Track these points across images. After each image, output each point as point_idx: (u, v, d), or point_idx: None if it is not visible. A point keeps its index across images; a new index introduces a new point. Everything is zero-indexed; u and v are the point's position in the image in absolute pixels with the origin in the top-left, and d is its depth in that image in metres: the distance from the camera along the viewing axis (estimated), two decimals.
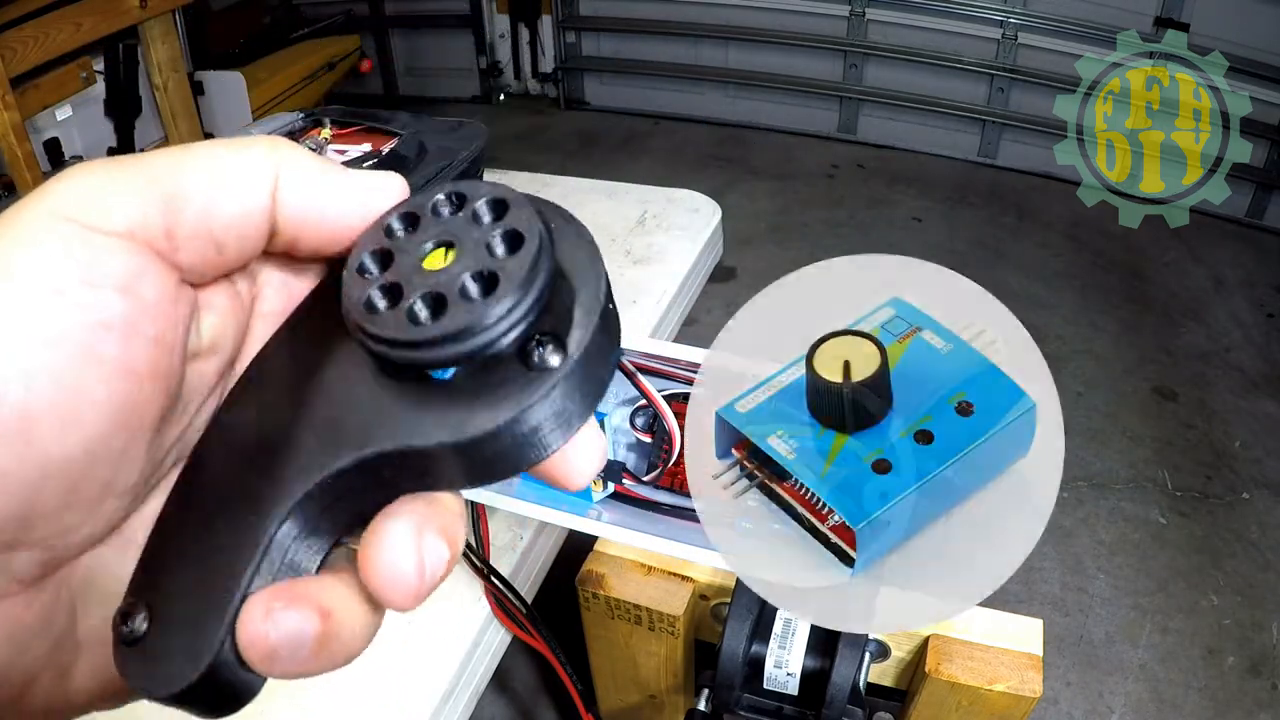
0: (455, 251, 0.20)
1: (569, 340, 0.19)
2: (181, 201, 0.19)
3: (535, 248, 0.20)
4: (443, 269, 0.20)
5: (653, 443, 0.72)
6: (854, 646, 0.61)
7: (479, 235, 0.20)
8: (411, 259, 0.20)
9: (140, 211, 0.19)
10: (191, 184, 0.20)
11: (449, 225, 0.21)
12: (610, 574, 0.73)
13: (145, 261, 0.19)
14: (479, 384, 0.19)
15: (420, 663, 0.66)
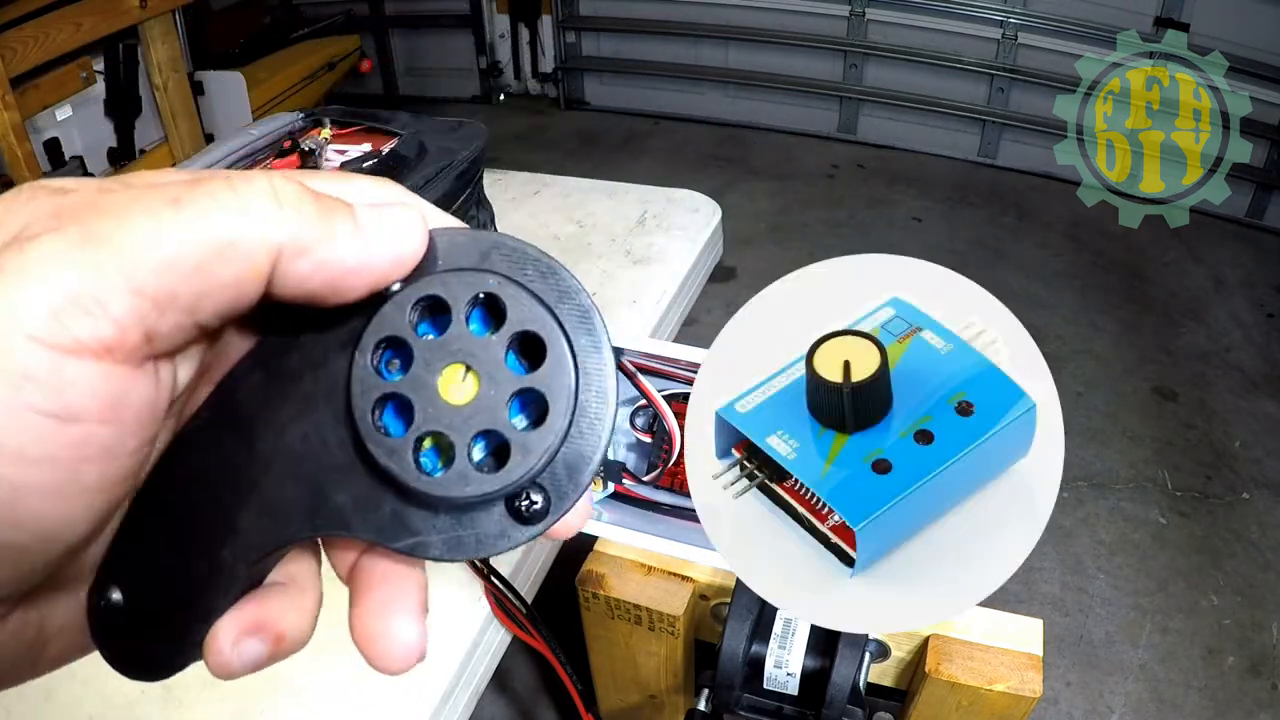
0: (476, 386, 0.20)
1: (560, 502, 0.20)
2: (167, 302, 0.18)
3: (564, 426, 0.20)
4: (464, 410, 0.20)
5: (653, 443, 0.72)
6: (854, 646, 0.61)
7: (506, 381, 0.20)
8: (428, 377, 0.20)
9: (119, 324, 0.17)
10: (179, 282, 0.18)
11: (472, 344, 0.20)
12: (610, 574, 0.73)
13: (125, 380, 0.18)
14: (462, 509, 0.20)
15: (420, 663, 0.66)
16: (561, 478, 0.20)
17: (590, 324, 0.20)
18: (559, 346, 0.20)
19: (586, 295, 0.20)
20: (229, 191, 0.18)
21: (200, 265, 0.18)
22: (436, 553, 0.20)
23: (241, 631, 0.21)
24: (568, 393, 0.20)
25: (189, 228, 0.18)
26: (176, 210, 0.18)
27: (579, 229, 1.14)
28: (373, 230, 0.20)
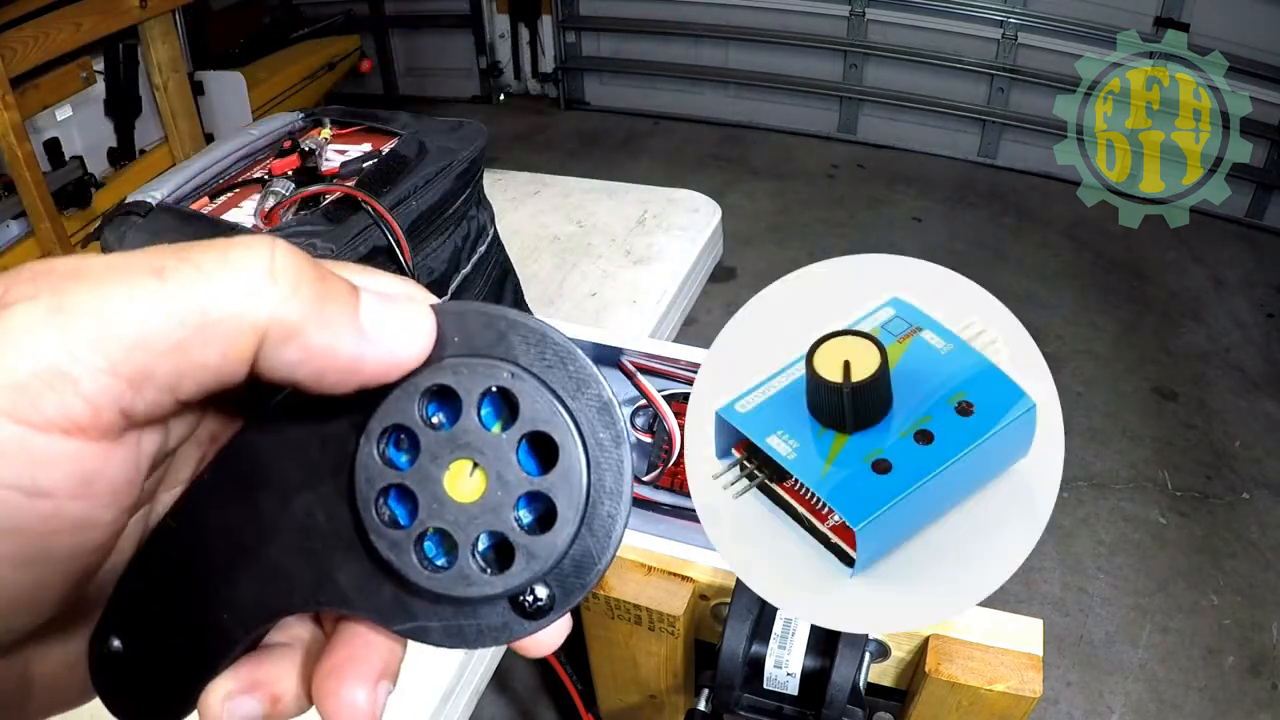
0: (483, 484, 0.19)
1: (565, 599, 0.20)
2: (143, 381, 0.16)
3: (571, 534, 0.19)
4: (470, 509, 0.19)
5: (653, 443, 0.72)
6: (854, 646, 0.61)
7: (515, 482, 0.19)
8: (435, 471, 0.19)
9: (91, 403, 0.16)
10: (156, 360, 0.16)
11: (482, 440, 0.19)
12: (610, 574, 0.73)
13: (98, 456, 0.17)
14: (464, 603, 0.20)
15: (420, 663, 0.66)
16: (569, 574, 0.20)
17: (608, 417, 0.19)
18: (571, 448, 0.19)
19: (606, 387, 0.20)
20: (219, 262, 0.17)
21: (180, 344, 0.16)
22: (436, 639, 0.20)
23: (236, 689, 0.21)
24: (578, 497, 0.19)
25: (168, 302, 0.16)
26: (158, 282, 0.16)
27: (579, 229, 1.14)
28: (374, 324, 0.18)
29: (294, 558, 0.20)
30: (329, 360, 0.18)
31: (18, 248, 1.72)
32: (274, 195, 0.90)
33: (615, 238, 1.13)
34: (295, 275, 0.17)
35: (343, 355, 0.18)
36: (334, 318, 0.18)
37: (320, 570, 0.20)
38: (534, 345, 0.19)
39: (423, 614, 0.20)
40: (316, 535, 0.20)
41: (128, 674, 0.21)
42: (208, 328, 0.17)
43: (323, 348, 0.18)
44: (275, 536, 0.20)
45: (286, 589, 0.20)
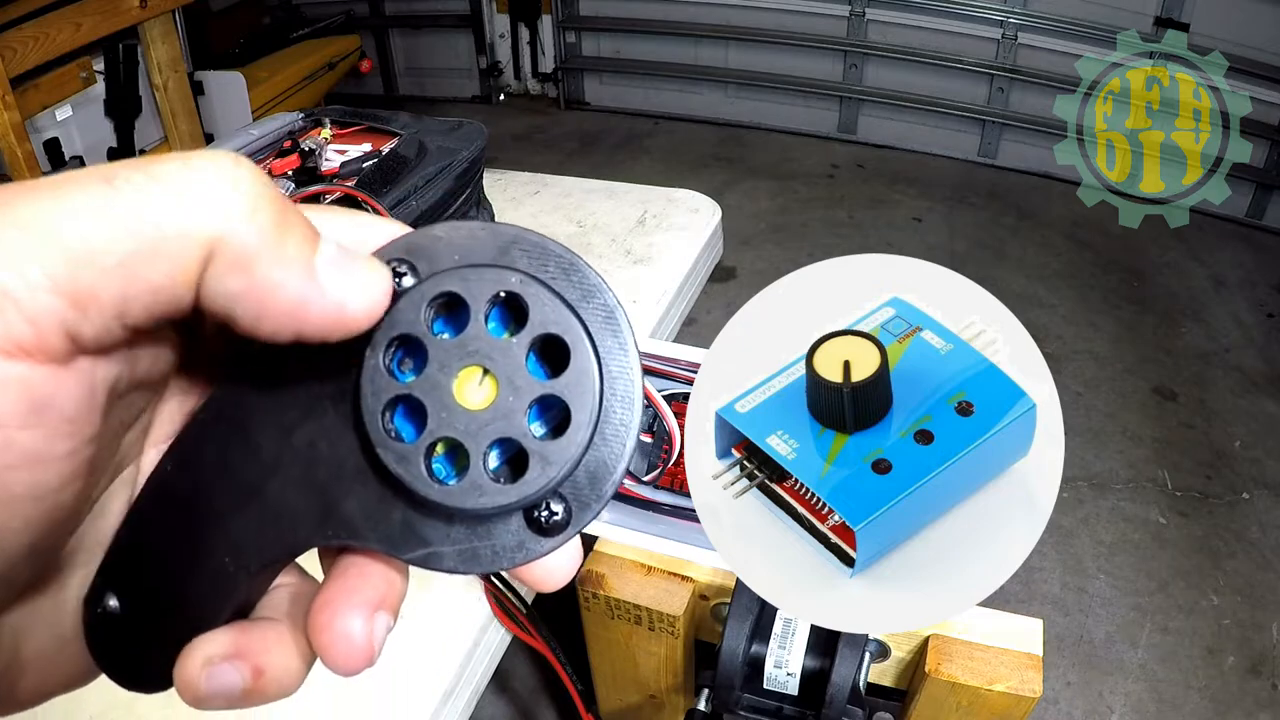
0: (494, 391, 0.19)
1: (582, 513, 0.19)
2: (88, 301, 0.15)
3: (586, 436, 0.19)
4: (481, 416, 0.18)
5: (653, 443, 0.72)
6: (854, 646, 0.61)
7: (527, 386, 0.18)
8: (443, 380, 0.18)
9: (34, 323, 0.15)
10: (100, 278, 0.15)
11: (491, 346, 0.18)
12: (610, 574, 0.73)
13: (47, 381, 0.16)
14: (478, 520, 0.19)
15: (420, 663, 0.66)
16: (583, 486, 0.19)
17: (615, 324, 0.19)
18: (583, 350, 0.19)
19: (611, 293, 0.19)
20: (175, 172, 0.16)
21: (126, 260, 0.15)
22: (450, 564, 0.19)
23: (217, 655, 0.19)
24: (592, 400, 0.18)
25: (116, 212, 0.15)
26: (108, 189, 0.15)
27: (579, 229, 1.14)
28: (329, 270, 0.17)
29: (298, 491, 0.19)
30: (272, 298, 0.17)
31: None
32: None
33: (615, 238, 1.13)
34: (256, 197, 0.16)
35: (287, 295, 0.17)
36: (288, 252, 0.17)
37: (326, 501, 0.19)
38: (536, 257, 0.19)
39: (435, 538, 0.19)
40: (320, 465, 0.19)
41: (126, 634, 0.20)
42: (156, 242, 0.15)
43: (268, 282, 0.16)
44: (277, 471, 0.19)
45: (291, 524, 0.19)
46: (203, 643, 0.19)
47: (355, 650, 0.19)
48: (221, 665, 0.19)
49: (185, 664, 0.19)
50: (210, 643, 0.19)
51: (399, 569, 0.21)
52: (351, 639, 0.19)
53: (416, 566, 0.20)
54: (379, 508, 0.19)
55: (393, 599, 0.20)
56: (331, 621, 0.19)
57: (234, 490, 0.20)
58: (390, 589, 0.20)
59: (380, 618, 0.20)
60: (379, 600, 0.20)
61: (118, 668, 0.20)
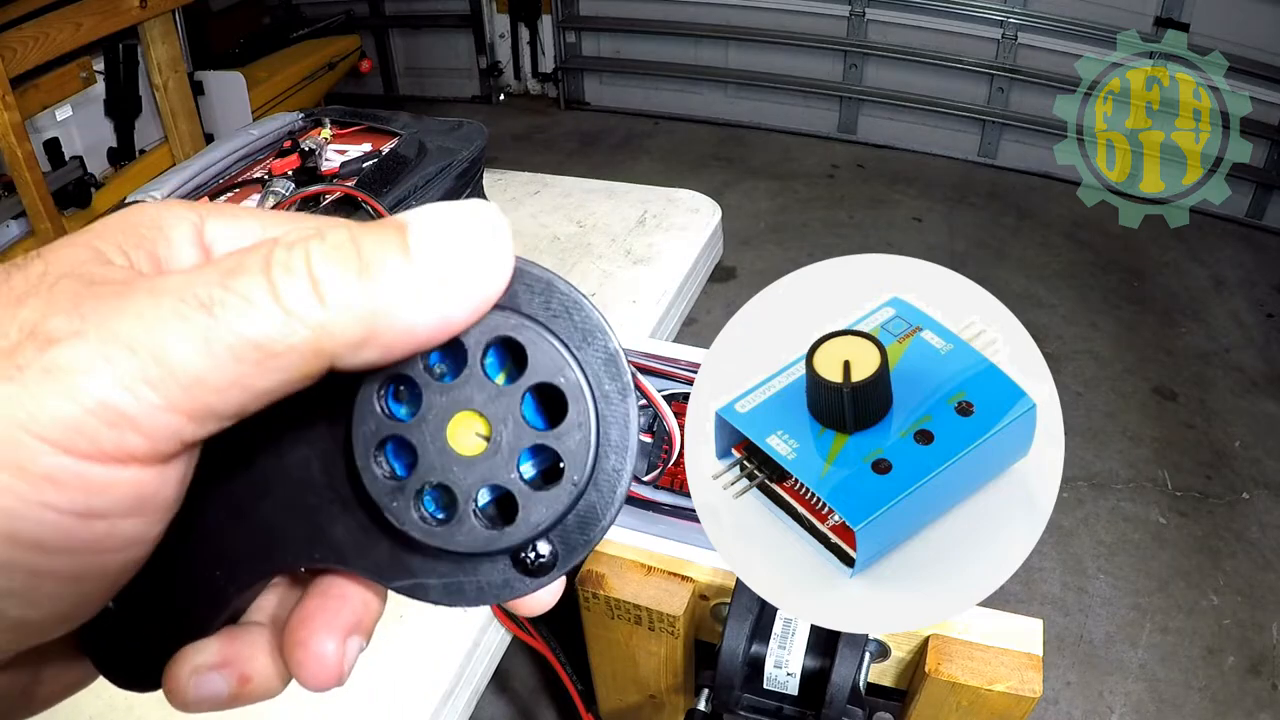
0: (487, 436, 0.18)
1: (569, 556, 0.19)
2: (205, 415, 0.16)
3: (577, 490, 0.18)
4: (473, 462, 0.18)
5: (653, 443, 0.72)
6: (854, 646, 0.61)
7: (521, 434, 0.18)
8: (437, 423, 0.18)
9: (150, 437, 0.16)
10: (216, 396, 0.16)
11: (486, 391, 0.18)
12: (610, 574, 0.73)
13: (154, 480, 0.17)
14: (465, 557, 0.19)
15: (420, 663, 0.66)
16: (572, 530, 0.19)
17: (615, 369, 0.19)
18: (580, 402, 0.18)
19: (613, 337, 0.19)
20: (264, 290, 0.16)
21: (239, 378, 0.16)
22: (435, 597, 0.19)
23: (205, 664, 0.20)
24: (586, 453, 0.18)
25: (221, 339, 0.16)
26: (208, 318, 0.16)
27: (579, 229, 1.14)
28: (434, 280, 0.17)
29: (289, 513, 0.20)
30: (407, 342, 0.17)
31: (17, 248, 1.72)
32: (274, 195, 0.90)
33: (615, 238, 1.13)
34: (341, 285, 0.16)
35: (421, 330, 0.17)
36: (392, 298, 0.16)
37: (315, 525, 0.20)
38: (539, 294, 0.19)
39: (421, 570, 0.19)
40: (312, 490, 0.19)
41: (119, 635, 0.20)
42: (266, 360, 0.16)
43: (396, 336, 0.17)
44: (270, 491, 0.20)
45: (281, 545, 0.20)
46: (191, 652, 0.20)
47: (326, 670, 0.20)
48: (209, 675, 0.20)
49: (174, 673, 0.20)
50: (198, 653, 0.20)
51: (378, 593, 0.21)
52: (324, 660, 0.20)
53: (403, 594, 0.20)
54: (367, 537, 0.19)
55: (368, 622, 0.21)
56: (307, 641, 0.20)
57: (227, 507, 0.20)
58: (366, 612, 0.21)
59: (353, 641, 0.20)
60: (354, 624, 0.20)
61: (111, 666, 0.21)
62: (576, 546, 0.19)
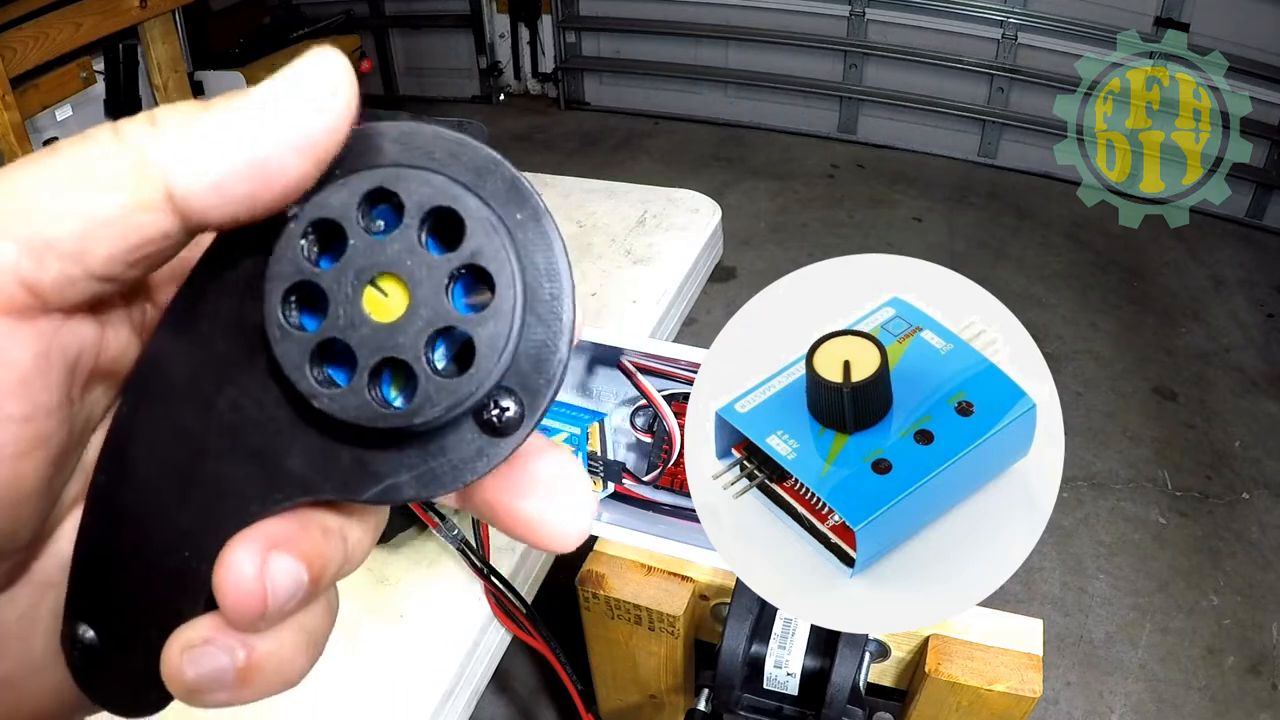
0: (406, 293, 0.17)
1: (534, 400, 0.18)
2: (42, 246, 0.15)
3: (512, 309, 0.17)
4: (398, 324, 0.17)
5: (653, 443, 0.72)
6: (854, 646, 0.61)
7: (433, 270, 0.17)
8: (350, 297, 0.17)
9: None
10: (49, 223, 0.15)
11: (388, 248, 0.17)
12: (610, 574, 0.73)
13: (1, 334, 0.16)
14: (428, 438, 0.18)
15: (420, 663, 0.66)
16: (529, 373, 0.18)
17: (521, 195, 0.17)
18: (482, 222, 0.17)
19: (509, 166, 0.17)
20: (107, 129, 0.16)
21: (76, 207, 0.15)
22: (412, 492, 0.18)
23: (197, 638, 0.18)
24: (509, 273, 0.17)
25: (56, 162, 0.16)
26: (52, 153, 0.16)
27: (579, 229, 1.14)
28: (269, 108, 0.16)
29: (236, 463, 0.18)
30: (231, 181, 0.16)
31: None
32: None
33: (615, 238, 1.13)
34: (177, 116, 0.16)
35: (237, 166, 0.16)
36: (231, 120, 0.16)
37: (267, 464, 0.18)
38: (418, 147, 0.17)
39: (389, 470, 0.18)
40: (251, 429, 0.18)
41: (110, 662, 0.19)
42: (101, 182, 0.15)
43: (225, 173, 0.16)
44: (207, 447, 0.18)
45: (239, 499, 0.18)
46: (181, 631, 0.18)
47: (243, 587, 0.17)
48: (205, 649, 0.18)
49: (168, 655, 0.18)
50: (188, 629, 0.18)
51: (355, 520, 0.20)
52: (240, 573, 0.17)
53: (379, 504, 0.18)
54: (324, 455, 0.18)
55: (306, 542, 0.18)
56: (224, 557, 0.18)
57: (171, 481, 0.19)
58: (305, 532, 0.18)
59: (278, 558, 0.18)
60: (281, 538, 0.18)
61: (113, 700, 0.19)
62: (539, 390, 0.18)
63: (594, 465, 0.67)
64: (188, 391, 0.18)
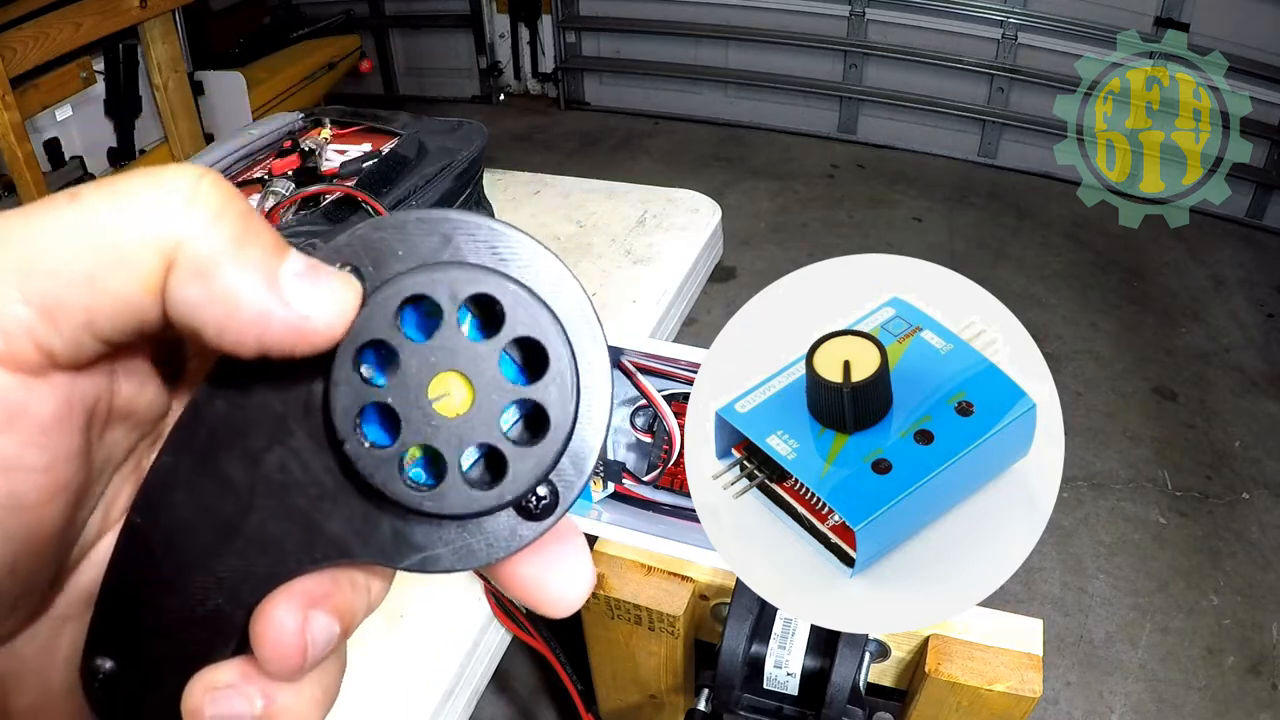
0: (470, 397, 0.18)
1: (568, 492, 0.19)
2: (57, 313, 0.16)
3: (567, 433, 0.18)
4: (469, 415, 0.18)
5: (653, 443, 0.72)
6: (854, 646, 0.61)
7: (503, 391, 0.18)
8: (417, 387, 0.18)
9: (5, 334, 0.15)
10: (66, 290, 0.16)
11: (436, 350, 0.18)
12: (610, 574, 0.73)
13: (20, 389, 0.16)
14: (467, 519, 0.19)
15: (420, 663, 0.66)
16: (566, 468, 0.19)
17: (586, 315, 0.19)
18: (560, 351, 0.18)
19: (578, 282, 0.19)
20: (135, 187, 0.16)
21: (90, 272, 0.16)
22: (447, 564, 0.19)
23: (221, 682, 0.18)
24: (570, 400, 0.18)
25: (78, 226, 0.16)
26: (74, 207, 0.16)
27: (579, 229, 1.14)
28: (292, 282, 0.17)
29: (278, 521, 0.19)
30: (234, 307, 0.16)
31: None
32: (274, 195, 0.90)
33: (615, 238, 1.13)
34: (219, 206, 0.16)
35: (249, 304, 0.16)
36: (250, 261, 0.16)
37: (309, 526, 0.19)
38: (483, 241, 0.18)
39: (427, 543, 0.19)
40: (296, 490, 0.19)
41: (128, 693, 0.19)
42: (117, 252, 0.16)
43: (228, 290, 0.16)
44: (253, 504, 0.19)
45: (279, 555, 0.19)
46: (206, 672, 0.19)
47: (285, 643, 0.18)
48: (225, 692, 0.18)
49: (190, 694, 0.18)
50: (214, 671, 0.19)
51: (376, 574, 0.21)
52: (283, 631, 0.18)
53: (413, 572, 0.19)
54: (365, 522, 0.19)
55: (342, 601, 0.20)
56: (266, 610, 0.19)
57: (211, 531, 0.19)
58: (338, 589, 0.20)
59: (317, 616, 0.19)
60: (320, 597, 0.19)
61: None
62: (573, 481, 0.19)
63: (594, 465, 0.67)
64: (235, 446, 0.19)
